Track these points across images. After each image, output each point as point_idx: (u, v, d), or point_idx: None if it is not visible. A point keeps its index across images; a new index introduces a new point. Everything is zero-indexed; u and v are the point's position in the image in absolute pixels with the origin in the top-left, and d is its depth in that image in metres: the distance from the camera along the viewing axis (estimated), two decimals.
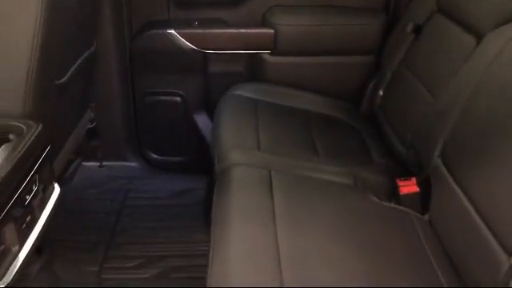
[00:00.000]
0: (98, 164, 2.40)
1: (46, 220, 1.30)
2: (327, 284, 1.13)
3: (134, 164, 2.41)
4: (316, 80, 2.19)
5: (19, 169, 1.15)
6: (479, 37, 1.50)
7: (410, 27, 1.90)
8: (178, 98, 2.30)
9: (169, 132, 2.38)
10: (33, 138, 1.25)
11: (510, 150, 1.15)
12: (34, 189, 1.23)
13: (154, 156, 2.42)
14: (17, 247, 1.16)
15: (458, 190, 1.31)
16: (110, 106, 2.28)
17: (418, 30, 1.89)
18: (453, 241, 1.32)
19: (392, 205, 1.53)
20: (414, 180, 1.59)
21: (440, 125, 1.48)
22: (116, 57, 2.14)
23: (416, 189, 1.56)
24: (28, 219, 1.21)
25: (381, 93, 2.02)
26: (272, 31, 2.12)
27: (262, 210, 1.32)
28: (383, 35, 2.15)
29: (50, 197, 1.35)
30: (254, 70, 2.22)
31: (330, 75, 2.20)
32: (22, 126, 1.27)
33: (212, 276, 1.13)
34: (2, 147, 1.19)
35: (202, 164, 2.18)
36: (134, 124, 2.37)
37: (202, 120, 2.34)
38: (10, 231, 1.13)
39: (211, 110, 2.17)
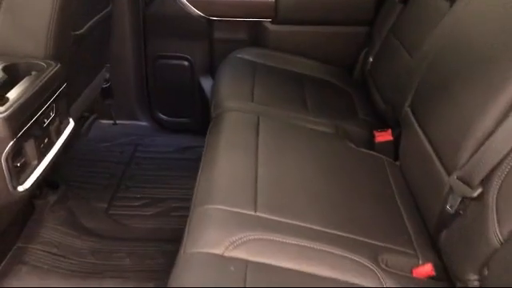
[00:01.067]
0: (111, 122, 2.62)
1: (62, 146, 1.51)
2: (299, 207, 1.32)
3: (143, 123, 2.62)
4: (313, 47, 2.36)
5: (38, 96, 1.36)
6: (452, 0, 1.65)
7: None
8: (186, 62, 2.50)
9: (176, 94, 2.58)
10: (51, 73, 1.45)
11: (466, 96, 1.31)
12: (52, 115, 1.43)
13: (162, 116, 2.63)
14: (36, 162, 1.37)
15: (421, 135, 1.47)
16: (124, 67, 2.49)
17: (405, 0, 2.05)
18: (414, 178, 1.49)
19: (368, 151, 1.71)
20: (389, 131, 1.77)
21: (411, 79, 1.64)
22: (130, 20, 2.35)
23: (390, 137, 1.74)
24: (46, 141, 1.42)
25: (371, 59, 2.19)
26: (273, 0, 2.31)
27: (247, 145, 1.51)
28: (376, 7, 2.31)
29: (65, 128, 1.56)
30: (255, 37, 2.40)
31: (326, 43, 2.37)
32: (43, 64, 1.47)
33: (198, 193, 1.33)
34: (25, 79, 1.39)
35: (207, 125, 2.37)
36: (145, 86, 2.57)
37: (206, 83, 2.53)
38: (30, 147, 1.34)
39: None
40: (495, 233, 1.05)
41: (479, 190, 1.11)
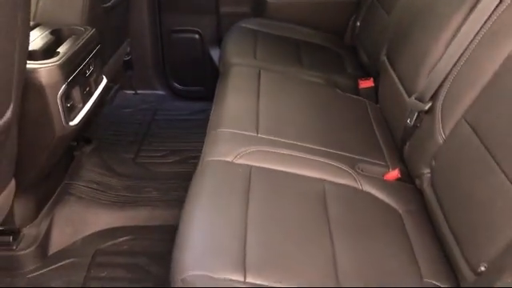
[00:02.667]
0: (133, 92, 2.96)
1: (98, 96, 1.84)
2: (292, 130, 1.64)
3: (161, 92, 2.96)
4: (308, 17, 2.67)
5: (80, 52, 1.68)
6: None
7: None
8: (197, 36, 2.82)
9: (189, 65, 2.90)
10: (88, 36, 1.78)
11: (422, 36, 1.62)
12: (91, 69, 1.77)
13: (177, 85, 2.95)
14: (81, 105, 1.70)
15: (394, 77, 1.78)
16: (142, 42, 2.82)
17: None
18: (387, 110, 1.80)
19: (352, 95, 2.02)
20: (371, 79, 2.08)
21: (386, 33, 1.95)
22: None
23: (371, 84, 2.05)
24: (87, 89, 1.75)
25: (358, 24, 2.49)
26: None
27: (250, 89, 1.84)
28: None
29: (101, 82, 1.89)
30: (257, 10, 2.71)
31: (319, 13, 2.67)
32: (81, 29, 1.80)
33: (211, 121, 1.66)
34: (69, 39, 1.72)
35: None
36: (161, 58, 2.90)
37: (215, 54, 2.85)
38: (76, 92, 1.67)
39: None
40: (440, 133, 1.36)
41: (429, 104, 1.42)
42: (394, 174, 1.53)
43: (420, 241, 1.28)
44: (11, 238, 1.69)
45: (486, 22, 1.31)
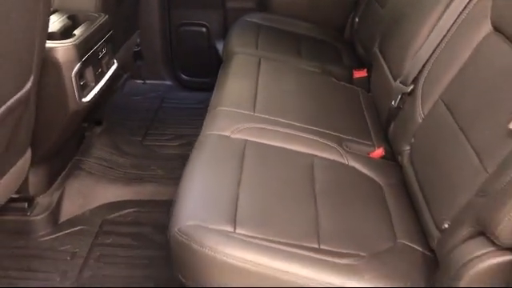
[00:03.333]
0: (142, 81, 3.11)
1: (109, 78, 1.98)
2: (287, 111, 1.76)
3: (168, 82, 3.10)
4: (309, 13, 2.80)
5: (94, 35, 1.83)
6: None
7: None
8: (204, 29, 2.97)
9: (195, 57, 3.04)
10: (101, 21, 1.93)
11: (409, 26, 1.75)
12: (103, 52, 1.91)
13: (184, 76, 3.10)
14: (93, 84, 1.85)
15: (384, 65, 1.91)
16: (152, 34, 2.97)
17: None
18: (376, 95, 1.93)
19: (347, 84, 2.14)
20: (365, 70, 2.20)
21: (380, 26, 2.08)
22: None
23: (365, 74, 2.17)
24: (99, 70, 1.90)
25: (356, 20, 2.62)
26: None
27: (250, 75, 1.98)
28: None
29: (112, 65, 2.04)
30: (261, 5, 2.85)
31: (320, 9, 2.81)
32: (95, 15, 1.95)
33: (212, 101, 1.80)
34: (83, 24, 1.87)
35: None
36: (170, 50, 3.05)
37: (221, 47, 2.98)
38: (89, 72, 1.82)
39: None
40: (419, 113, 1.49)
41: (411, 87, 1.55)
42: (378, 152, 1.66)
43: (397, 209, 1.41)
44: (26, 204, 1.83)
45: (461, 13, 1.44)
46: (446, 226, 1.16)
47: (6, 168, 1.58)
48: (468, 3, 1.43)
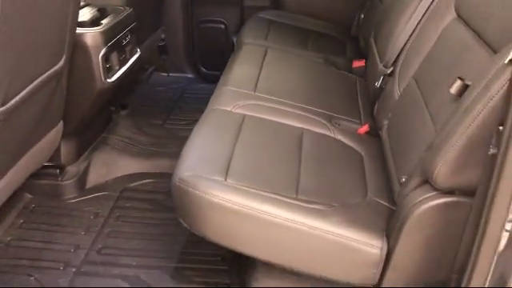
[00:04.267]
0: (165, 74, 3.38)
1: (132, 63, 2.25)
2: (285, 92, 1.98)
3: (189, 75, 3.36)
4: (320, 10, 3.02)
5: (119, 24, 2.11)
6: None
7: None
8: (222, 26, 3.22)
9: (214, 51, 3.29)
10: (126, 13, 2.21)
11: (393, 16, 1.95)
12: (127, 40, 2.18)
13: (204, 70, 3.35)
14: (117, 67, 2.11)
15: (375, 53, 2.10)
16: (175, 30, 3.24)
17: None
18: (370, 83, 2.12)
19: (346, 72, 2.35)
20: (363, 60, 2.40)
21: (375, 18, 2.28)
22: None
23: (363, 64, 2.37)
24: (123, 56, 2.16)
25: (362, 16, 2.82)
26: None
27: (256, 61, 2.21)
28: None
29: (135, 53, 2.31)
30: (276, 3, 3.09)
31: (331, 6, 3.03)
32: (121, 8, 2.23)
33: (219, 83, 2.03)
34: (110, 15, 2.14)
35: None
36: (192, 45, 3.31)
37: None
38: (114, 56, 2.08)
39: None
40: (396, 91, 1.68)
41: (391, 69, 1.75)
42: (364, 128, 1.85)
43: (372, 173, 1.60)
44: (58, 171, 2.11)
45: (432, 3, 1.64)
46: (404, 179, 1.36)
47: (41, 136, 1.85)
48: None
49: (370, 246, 1.30)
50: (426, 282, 1.32)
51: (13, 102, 1.49)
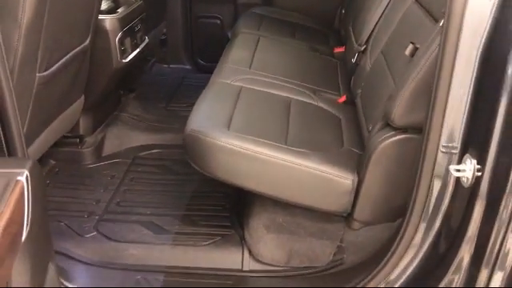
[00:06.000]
0: (166, 65, 3.70)
1: (142, 48, 2.57)
2: (277, 71, 2.31)
3: (187, 66, 3.68)
4: (307, 6, 3.38)
5: (131, 14, 2.44)
6: None
7: None
8: (218, 21, 3.56)
9: (211, 44, 3.62)
10: (137, 5, 2.54)
11: (368, 4, 2.29)
12: (138, 28, 2.51)
13: (201, 61, 3.68)
14: (130, 51, 2.44)
15: (352, 36, 2.45)
16: (175, 25, 3.57)
17: None
18: (348, 63, 2.46)
19: (328, 57, 2.69)
20: (344, 47, 2.75)
21: (353, 8, 2.63)
22: None
23: (343, 49, 2.71)
24: (134, 42, 2.49)
25: (343, 11, 3.17)
26: None
27: (250, 47, 2.54)
28: None
29: (144, 40, 2.63)
30: (266, 1, 3.43)
31: (315, 4, 3.38)
32: (133, 0, 2.55)
33: (219, 62, 2.36)
34: (123, 6, 2.47)
35: None
36: (190, 38, 3.64)
37: None
38: (127, 41, 2.41)
39: None
40: (368, 64, 2.02)
41: (364, 46, 2.09)
42: (342, 98, 2.20)
43: (348, 130, 1.95)
44: (78, 140, 2.42)
45: None
46: (370, 127, 1.69)
47: (67, 105, 2.17)
48: None
49: (344, 178, 1.63)
50: (390, 207, 1.66)
51: (52, 69, 1.81)
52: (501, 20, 1.14)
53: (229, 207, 2.13)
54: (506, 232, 1.22)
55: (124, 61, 2.36)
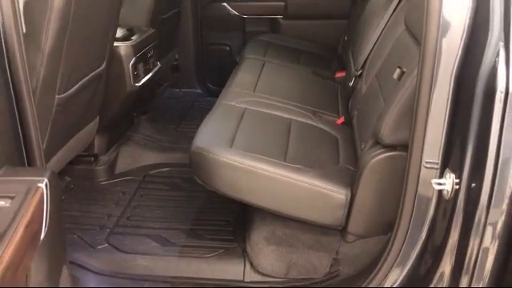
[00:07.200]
0: (178, 89, 3.87)
1: (154, 73, 2.73)
2: (280, 95, 2.45)
3: (198, 90, 3.86)
4: (312, 33, 3.55)
5: (144, 41, 2.61)
6: None
7: None
8: (227, 48, 3.74)
9: (220, 70, 3.79)
10: (149, 33, 2.72)
11: (366, 32, 2.43)
12: (150, 54, 2.68)
13: (211, 86, 3.85)
14: (142, 75, 2.60)
15: (351, 61, 2.58)
16: (187, 51, 3.75)
17: None
18: (347, 87, 2.60)
19: (329, 81, 2.83)
20: (344, 71, 2.88)
21: (350, 37, 2.77)
22: (192, 19, 3.63)
23: (343, 74, 2.85)
24: (147, 66, 2.65)
25: (345, 38, 3.32)
26: (283, 3, 3.52)
27: (255, 71, 2.69)
28: (350, 6, 3.46)
29: (156, 65, 2.80)
30: (273, 29, 3.61)
31: (319, 32, 3.54)
32: (146, 29, 2.73)
33: (226, 86, 2.50)
34: (137, 34, 2.64)
35: None
36: (201, 64, 3.81)
37: None
38: (140, 66, 2.58)
39: None
40: (364, 87, 2.15)
41: (360, 71, 2.22)
42: (340, 119, 2.32)
43: (345, 150, 2.06)
44: (92, 159, 2.57)
45: (390, 17, 2.13)
46: (363, 146, 1.81)
47: (83, 125, 2.32)
48: (394, 10, 2.12)
49: (338, 192, 1.75)
50: (382, 221, 1.75)
51: (70, 92, 1.97)
52: (469, 44, 1.26)
53: (233, 222, 2.24)
54: (480, 243, 1.31)
55: (137, 84, 2.52)
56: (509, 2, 1.17)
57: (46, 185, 1.17)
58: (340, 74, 2.86)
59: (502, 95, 1.18)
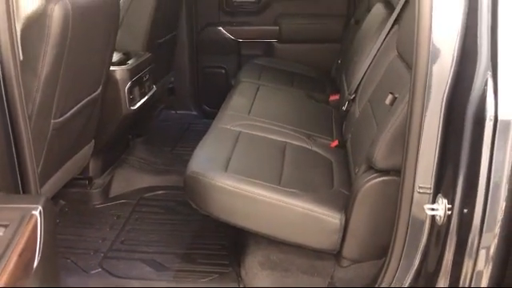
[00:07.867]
0: (173, 111, 3.89)
1: (149, 97, 2.75)
2: (274, 118, 2.47)
3: (194, 112, 3.88)
4: (305, 57, 3.59)
5: (140, 65, 2.64)
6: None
7: (352, 21, 3.25)
8: (223, 71, 3.77)
9: (216, 93, 3.81)
10: (145, 57, 2.75)
11: (360, 57, 2.47)
12: (146, 77, 2.70)
13: (206, 108, 3.87)
14: (138, 99, 2.62)
15: (344, 85, 2.61)
16: (183, 74, 3.79)
17: (357, 22, 3.24)
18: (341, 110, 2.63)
19: (323, 104, 2.85)
20: (338, 95, 2.91)
21: (344, 61, 2.81)
22: (188, 42, 3.67)
23: (337, 97, 2.88)
24: (143, 90, 2.68)
25: (339, 61, 3.36)
26: (277, 28, 3.57)
27: (250, 95, 2.71)
28: (343, 29, 3.52)
29: (152, 88, 2.82)
30: (267, 52, 3.65)
31: (312, 55, 3.59)
32: (142, 53, 2.76)
33: (221, 109, 2.52)
34: (134, 58, 2.67)
35: None
36: (197, 87, 3.84)
37: None
38: (136, 90, 2.60)
39: None
40: (357, 111, 2.18)
41: (354, 95, 2.25)
42: (334, 143, 2.34)
43: (339, 173, 2.07)
44: (87, 182, 2.57)
45: (382, 43, 2.16)
46: (357, 170, 1.82)
47: (78, 149, 2.33)
48: (386, 37, 2.15)
49: (332, 217, 1.75)
50: (376, 245, 1.76)
51: (65, 116, 1.98)
52: (459, 71, 1.29)
53: (228, 246, 2.23)
54: (474, 267, 1.32)
55: (132, 108, 2.54)
56: (495, 33, 1.20)
57: (40, 212, 1.17)
58: (334, 97, 2.90)
59: (491, 123, 1.20)
